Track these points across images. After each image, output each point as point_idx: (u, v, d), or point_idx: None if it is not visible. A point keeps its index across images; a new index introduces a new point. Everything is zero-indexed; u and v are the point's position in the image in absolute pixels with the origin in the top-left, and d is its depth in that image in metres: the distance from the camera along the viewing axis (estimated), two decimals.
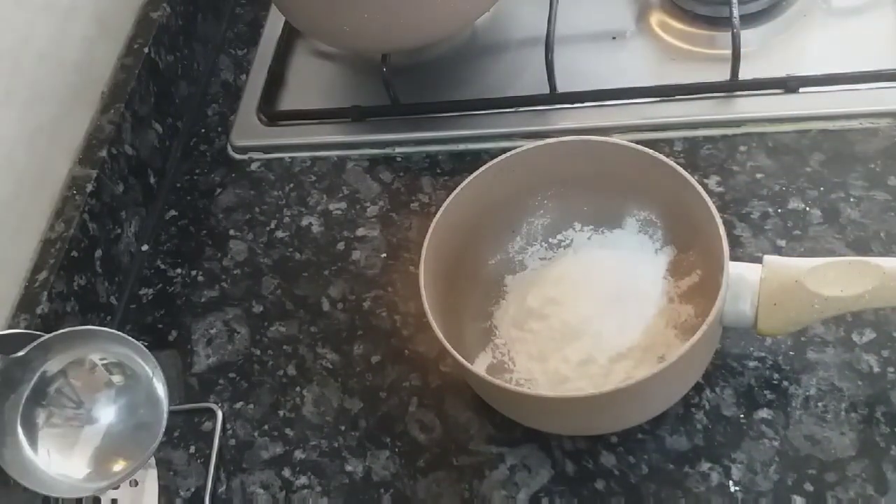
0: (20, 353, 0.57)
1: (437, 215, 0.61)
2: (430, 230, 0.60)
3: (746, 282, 0.55)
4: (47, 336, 0.58)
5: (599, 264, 0.63)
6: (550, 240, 0.66)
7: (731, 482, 0.56)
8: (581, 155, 0.63)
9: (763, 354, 0.61)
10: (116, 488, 0.62)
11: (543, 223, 0.66)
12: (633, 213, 0.64)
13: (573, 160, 0.63)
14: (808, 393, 0.59)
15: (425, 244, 0.59)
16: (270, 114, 0.82)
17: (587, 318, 0.60)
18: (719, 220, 0.55)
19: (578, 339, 0.59)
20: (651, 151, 0.60)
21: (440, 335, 0.56)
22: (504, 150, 0.68)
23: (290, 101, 0.84)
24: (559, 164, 0.63)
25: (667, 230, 0.63)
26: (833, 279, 0.54)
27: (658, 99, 0.74)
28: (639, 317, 0.60)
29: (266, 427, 0.65)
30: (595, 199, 0.64)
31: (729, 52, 0.71)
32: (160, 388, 0.60)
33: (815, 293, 0.54)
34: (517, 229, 0.66)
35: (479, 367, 0.60)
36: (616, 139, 0.62)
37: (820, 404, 0.58)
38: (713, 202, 0.56)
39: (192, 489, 0.64)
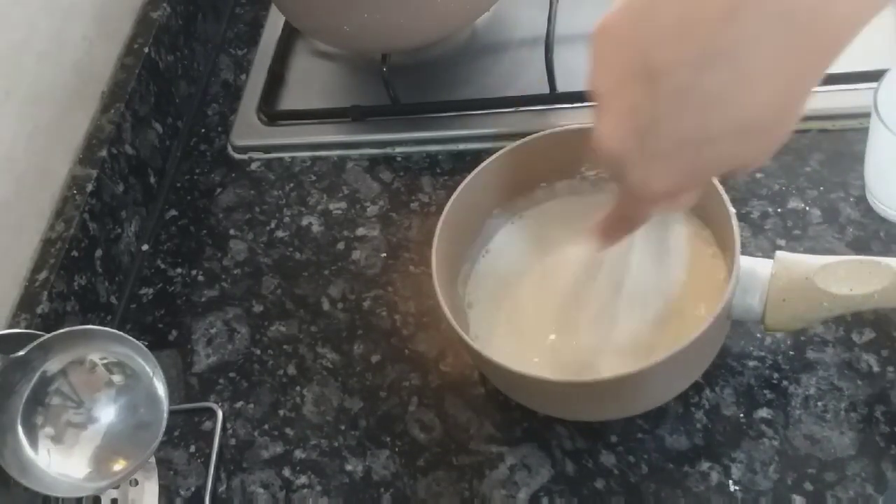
0: (20, 353, 0.57)
1: (449, 203, 0.60)
2: (444, 213, 0.60)
3: (756, 276, 0.55)
4: (47, 336, 0.58)
5: (614, 252, 0.62)
6: (561, 229, 0.65)
7: (730, 481, 0.56)
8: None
9: (763, 354, 0.61)
10: (117, 488, 0.62)
11: (554, 211, 0.65)
12: None
13: (583, 149, 0.63)
14: (807, 392, 0.59)
15: (437, 231, 0.59)
16: (270, 114, 0.82)
17: (600, 305, 0.60)
18: (732, 213, 0.55)
19: (588, 327, 0.59)
20: None
21: (453, 322, 0.56)
22: None
23: (290, 100, 0.84)
24: (571, 152, 0.63)
25: (682, 221, 0.63)
26: (843, 278, 0.54)
27: None
28: (652, 306, 0.60)
29: (266, 426, 0.65)
30: (607, 188, 0.64)
31: None
32: (160, 388, 0.60)
33: (825, 291, 0.54)
34: (527, 216, 0.66)
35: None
36: None
37: (819, 404, 0.58)
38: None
39: (193, 489, 0.64)
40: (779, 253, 0.56)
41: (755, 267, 0.55)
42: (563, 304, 0.61)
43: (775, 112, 0.37)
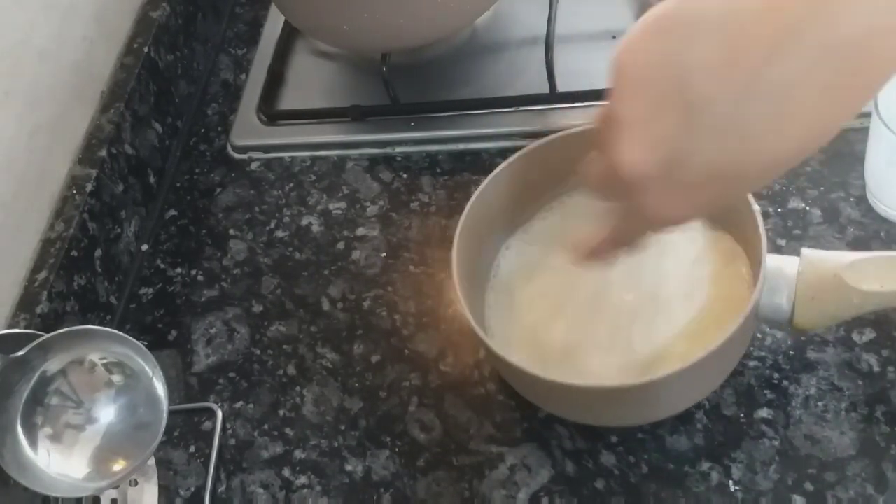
0: (20, 353, 0.57)
1: (470, 201, 0.60)
2: (467, 208, 0.60)
3: (784, 275, 0.55)
4: (47, 336, 0.58)
5: (635, 255, 0.61)
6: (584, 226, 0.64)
7: (731, 482, 0.56)
8: None
9: (763, 354, 0.60)
10: (116, 488, 0.62)
11: (577, 208, 0.65)
12: None
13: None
14: (808, 392, 0.59)
15: (460, 224, 0.59)
16: (270, 113, 0.82)
17: (621, 309, 0.59)
18: (757, 210, 0.55)
19: (609, 331, 0.58)
20: None
21: (475, 327, 0.55)
22: (504, 150, 0.68)
23: (289, 100, 0.84)
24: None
25: (707, 219, 0.62)
26: (872, 274, 0.53)
27: None
28: (675, 308, 0.59)
29: (266, 427, 0.65)
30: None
31: None
32: (160, 388, 0.60)
33: (854, 288, 0.53)
34: (548, 217, 0.65)
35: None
36: None
37: (820, 404, 0.58)
38: None
39: (192, 489, 0.64)
40: (804, 250, 0.55)
41: (781, 265, 0.55)
42: (583, 307, 0.60)
43: (805, 147, 0.37)
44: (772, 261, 0.55)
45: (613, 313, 0.59)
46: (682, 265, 0.61)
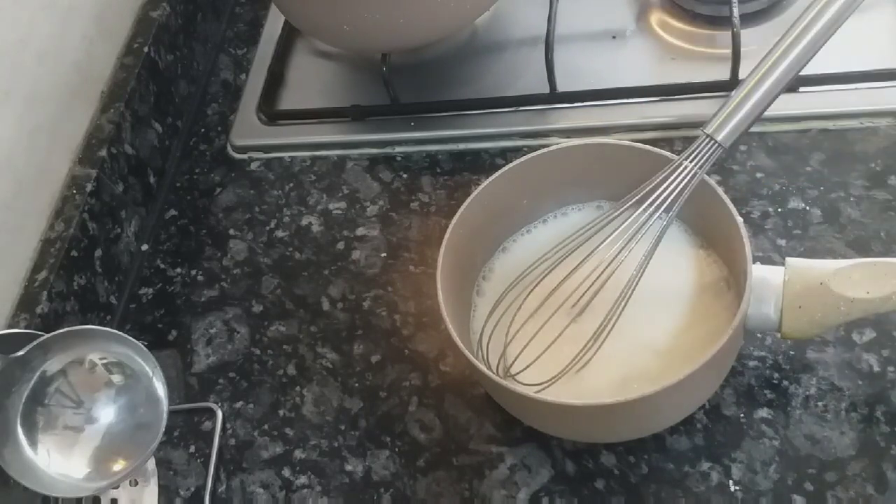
0: (20, 353, 0.57)
1: (453, 221, 0.60)
2: (447, 235, 0.59)
3: (769, 285, 0.54)
4: (47, 336, 0.58)
5: (623, 264, 0.62)
6: (568, 241, 0.64)
7: (731, 482, 0.56)
8: (598, 158, 0.62)
9: (763, 354, 0.60)
10: (116, 488, 0.62)
11: (564, 222, 0.65)
12: (653, 213, 0.63)
13: (590, 163, 0.62)
14: (808, 392, 0.59)
15: (441, 252, 0.59)
16: (270, 113, 0.82)
17: (608, 323, 0.59)
18: (741, 223, 0.55)
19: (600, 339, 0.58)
20: (669, 154, 0.59)
21: (463, 349, 0.55)
22: (504, 150, 0.68)
23: (289, 100, 0.84)
24: (578, 166, 0.62)
25: (689, 231, 0.62)
26: (858, 281, 0.53)
27: (658, 98, 0.74)
28: (661, 323, 0.59)
29: (266, 427, 0.65)
30: (613, 198, 0.64)
31: (729, 51, 0.71)
32: (160, 388, 0.60)
33: (841, 295, 0.53)
34: (532, 230, 0.65)
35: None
36: (633, 143, 0.61)
37: (820, 404, 0.58)
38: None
39: (192, 489, 0.64)
40: (789, 259, 0.56)
41: (766, 275, 0.55)
42: (567, 316, 0.60)
43: None
44: (758, 271, 0.55)
45: (599, 322, 0.59)
46: (669, 276, 0.61)
